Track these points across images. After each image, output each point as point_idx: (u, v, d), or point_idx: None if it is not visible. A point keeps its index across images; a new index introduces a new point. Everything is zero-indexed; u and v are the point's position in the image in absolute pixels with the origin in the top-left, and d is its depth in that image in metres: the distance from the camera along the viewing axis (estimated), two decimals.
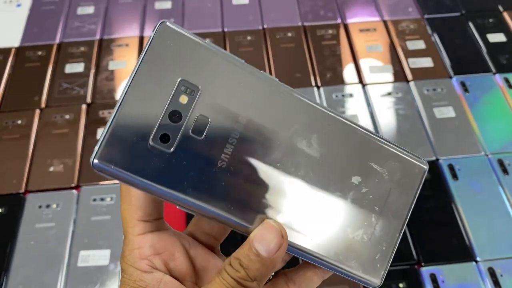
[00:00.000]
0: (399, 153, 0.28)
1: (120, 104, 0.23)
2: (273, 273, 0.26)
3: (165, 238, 0.25)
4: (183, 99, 0.23)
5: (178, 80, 0.23)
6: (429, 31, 0.93)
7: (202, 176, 0.23)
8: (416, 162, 0.28)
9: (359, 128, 0.27)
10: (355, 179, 0.26)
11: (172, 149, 0.23)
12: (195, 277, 0.27)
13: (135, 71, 0.23)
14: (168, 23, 0.23)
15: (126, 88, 0.23)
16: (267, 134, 0.24)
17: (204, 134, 0.23)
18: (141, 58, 0.23)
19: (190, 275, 0.26)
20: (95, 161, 0.22)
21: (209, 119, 0.23)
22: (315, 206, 0.26)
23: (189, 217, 0.65)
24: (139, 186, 0.23)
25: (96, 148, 0.22)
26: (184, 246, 0.26)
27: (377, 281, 0.27)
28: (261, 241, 0.23)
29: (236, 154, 0.24)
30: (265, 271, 0.23)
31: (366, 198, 0.26)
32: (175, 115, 0.23)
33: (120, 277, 0.25)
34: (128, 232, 0.25)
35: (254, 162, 0.24)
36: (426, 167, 0.29)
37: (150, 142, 0.23)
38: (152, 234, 0.25)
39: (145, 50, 0.23)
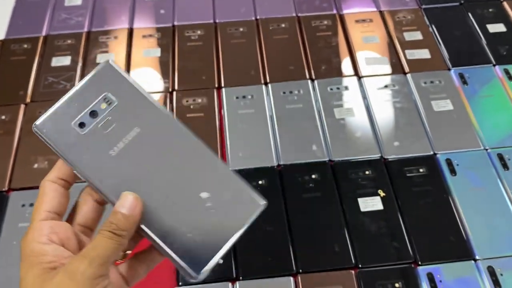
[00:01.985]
0: (242, 185, 0.35)
1: (66, 96, 0.35)
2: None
3: (61, 225, 0.34)
4: (103, 106, 0.35)
5: (104, 93, 0.35)
6: (427, 22, 0.90)
7: (97, 156, 0.34)
8: (253, 196, 0.35)
9: (213, 155, 0.36)
10: (203, 195, 0.35)
11: (83, 133, 0.35)
12: None
13: (83, 81, 0.36)
14: (111, 62, 0.37)
15: (74, 89, 0.35)
16: (149, 144, 0.35)
17: (108, 130, 0.35)
18: (89, 76, 0.36)
19: None
20: (34, 127, 0.35)
21: (114, 123, 0.35)
22: (162, 197, 0.34)
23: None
24: (56, 150, 0.34)
25: (40, 117, 0.34)
26: (76, 232, 0.35)
27: (196, 274, 0.33)
28: (122, 204, 0.33)
29: (124, 149, 0.35)
30: (130, 224, 0.32)
31: (202, 204, 0.34)
32: (94, 113, 0.35)
33: (21, 257, 0.32)
34: (34, 219, 0.33)
35: (134, 159, 0.35)
36: (262, 203, 0.35)
37: (72, 125, 0.35)
38: (51, 221, 0.33)
39: (93, 73, 0.36)
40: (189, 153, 0.36)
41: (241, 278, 0.61)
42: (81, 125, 0.34)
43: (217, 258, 0.33)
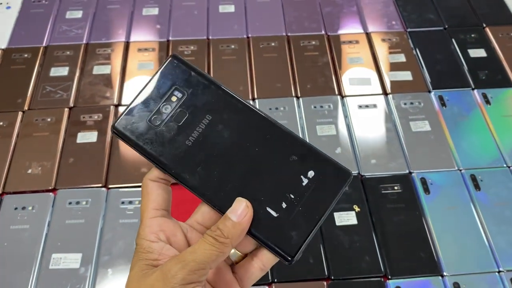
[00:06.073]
0: (327, 158, 0.35)
1: (137, 95, 0.36)
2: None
3: (169, 222, 0.35)
4: (174, 98, 0.36)
5: (173, 87, 0.36)
6: (411, 44, 0.94)
7: (174, 148, 0.34)
8: (343, 168, 0.34)
9: (292, 133, 0.35)
10: (298, 177, 0.34)
11: (159, 127, 0.35)
12: None
13: (153, 78, 0.36)
14: (177, 55, 0.37)
15: (144, 86, 0.36)
16: (225, 132, 0.35)
17: (181, 122, 0.35)
18: (158, 72, 0.36)
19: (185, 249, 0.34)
20: (112, 128, 0.35)
21: (187, 113, 0.35)
22: (255, 184, 0.34)
23: None
24: (136, 147, 0.35)
25: (117, 118, 0.35)
26: (183, 230, 0.35)
27: (290, 256, 0.32)
28: (232, 211, 0.32)
29: (200, 138, 0.35)
30: (236, 233, 0.32)
31: (296, 186, 0.34)
32: (165, 108, 0.35)
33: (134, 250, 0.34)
34: (144, 217, 0.34)
35: (211, 146, 0.35)
36: (350, 172, 0.35)
37: (147, 121, 0.35)
38: (160, 218, 0.34)
39: (160, 69, 0.36)
40: (268, 134, 0.35)
41: None
42: (155, 120, 0.35)
43: (310, 238, 0.33)
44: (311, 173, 0.34)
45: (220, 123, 0.35)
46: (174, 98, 0.35)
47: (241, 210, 0.32)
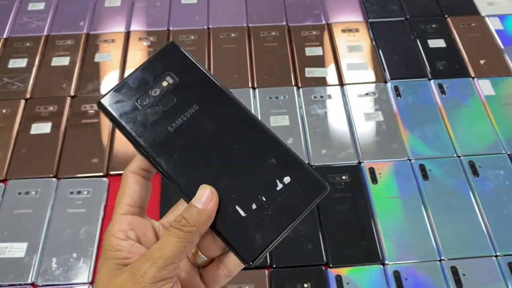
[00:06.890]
0: (306, 168, 0.34)
1: (129, 74, 0.36)
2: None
3: (140, 220, 0.34)
4: (164, 83, 0.36)
5: (166, 72, 0.36)
6: (371, 35, 0.94)
7: (155, 131, 0.34)
8: (320, 180, 0.33)
9: (272, 134, 0.35)
10: (270, 179, 0.33)
11: (145, 109, 0.35)
12: None
13: (148, 61, 0.36)
14: (176, 43, 0.37)
15: (138, 68, 0.36)
16: (208, 125, 0.35)
17: (167, 107, 0.35)
18: (153, 56, 0.37)
19: None
20: (98, 103, 0.35)
21: (175, 100, 0.35)
22: (225, 179, 0.33)
23: None
24: (117, 124, 0.35)
25: (104, 94, 0.35)
26: (155, 229, 0.35)
27: (250, 259, 0.31)
28: (197, 198, 0.31)
29: (183, 126, 0.34)
30: (202, 219, 0.31)
31: (267, 188, 0.33)
32: (155, 91, 0.35)
33: (102, 247, 0.33)
34: (116, 212, 0.33)
35: (192, 136, 0.34)
36: (327, 186, 0.33)
37: (133, 101, 0.35)
38: (131, 216, 0.33)
39: (157, 53, 0.37)
40: (252, 133, 0.35)
41: None
42: (142, 101, 0.35)
43: (275, 244, 0.32)
44: (287, 179, 0.33)
45: (205, 115, 0.35)
46: (165, 83, 0.35)
47: (205, 196, 0.31)
